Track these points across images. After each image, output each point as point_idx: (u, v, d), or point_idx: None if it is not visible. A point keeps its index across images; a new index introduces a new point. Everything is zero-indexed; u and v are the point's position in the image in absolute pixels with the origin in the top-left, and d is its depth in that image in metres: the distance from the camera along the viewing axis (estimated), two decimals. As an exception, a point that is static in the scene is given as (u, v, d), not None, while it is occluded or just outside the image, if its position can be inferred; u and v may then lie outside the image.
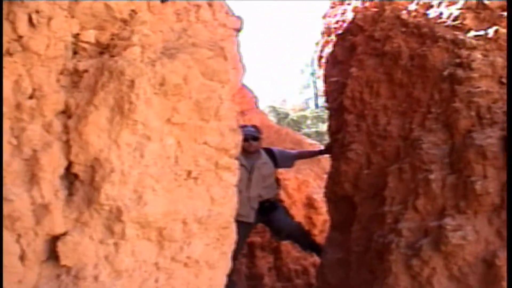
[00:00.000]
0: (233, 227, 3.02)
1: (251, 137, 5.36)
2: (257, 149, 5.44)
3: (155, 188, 2.75)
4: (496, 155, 3.24)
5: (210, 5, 3.57)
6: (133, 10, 3.06)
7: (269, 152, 5.67)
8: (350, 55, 4.71)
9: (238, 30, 3.51)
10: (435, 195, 3.49)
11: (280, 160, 5.64)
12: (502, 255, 3.05)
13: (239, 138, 3.09)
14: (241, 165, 5.04)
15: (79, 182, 2.78)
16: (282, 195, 7.19)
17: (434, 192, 3.50)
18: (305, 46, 24.66)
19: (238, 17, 3.52)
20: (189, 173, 2.88)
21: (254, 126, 5.70)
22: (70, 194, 2.78)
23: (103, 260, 2.69)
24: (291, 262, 7.10)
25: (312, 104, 24.55)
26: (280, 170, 6.17)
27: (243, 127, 5.28)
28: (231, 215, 2.98)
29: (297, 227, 5.83)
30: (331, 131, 5.12)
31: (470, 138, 3.41)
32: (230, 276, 3.20)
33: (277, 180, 5.71)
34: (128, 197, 2.70)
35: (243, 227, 5.32)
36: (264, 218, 5.56)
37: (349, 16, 5.14)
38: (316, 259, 6.33)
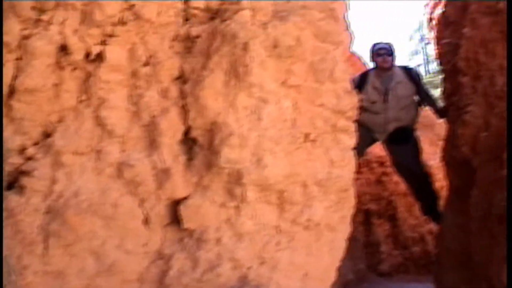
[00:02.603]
0: (353, 190, 2.94)
1: (385, 52, 4.85)
2: (392, 65, 4.90)
3: (274, 151, 2.70)
4: None
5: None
6: (240, -26, 3.02)
7: (407, 71, 5.06)
8: (462, 15, 4.45)
9: (346, -8, 3.41)
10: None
11: (418, 82, 5.02)
12: None
13: (355, 100, 3.00)
14: (374, 87, 4.78)
15: (198, 147, 2.79)
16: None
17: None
18: (412, 12, 24.18)
19: (345, -21, 3.42)
20: (307, 135, 2.81)
21: (387, 43, 5.02)
22: (190, 158, 2.79)
23: (225, 223, 2.68)
24: (408, 229, 6.99)
25: (422, 70, 24.16)
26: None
27: (375, 44, 4.97)
28: (350, 178, 2.90)
29: (419, 172, 5.10)
30: (446, 94, 4.83)
31: None
32: None
33: (418, 103, 5.06)
34: (247, 160, 2.67)
35: (372, 138, 5.02)
36: (391, 147, 5.11)
37: (459, -26, 4.86)
38: (432, 226, 6.09)
